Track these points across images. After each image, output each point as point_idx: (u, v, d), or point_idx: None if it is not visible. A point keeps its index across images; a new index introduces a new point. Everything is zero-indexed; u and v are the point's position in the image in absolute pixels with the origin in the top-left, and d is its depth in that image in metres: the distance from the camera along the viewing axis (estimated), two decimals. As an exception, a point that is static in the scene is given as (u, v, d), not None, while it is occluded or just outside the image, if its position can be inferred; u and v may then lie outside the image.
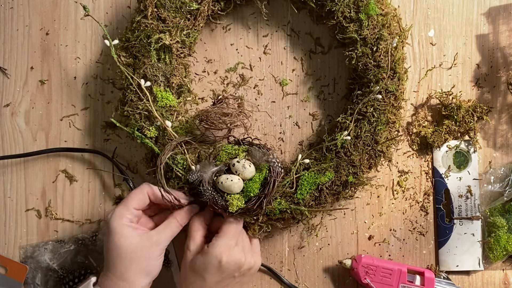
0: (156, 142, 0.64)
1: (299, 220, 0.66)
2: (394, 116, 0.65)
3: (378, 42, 0.63)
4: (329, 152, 0.65)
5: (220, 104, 0.63)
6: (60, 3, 0.71)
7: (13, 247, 0.70)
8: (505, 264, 0.71)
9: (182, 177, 0.63)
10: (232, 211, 0.60)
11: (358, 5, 0.63)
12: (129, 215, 0.60)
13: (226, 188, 0.60)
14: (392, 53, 0.63)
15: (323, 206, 0.65)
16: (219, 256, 0.58)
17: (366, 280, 0.66)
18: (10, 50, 0.71)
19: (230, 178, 0.60)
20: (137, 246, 0.58)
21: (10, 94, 0.71)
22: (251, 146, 0.63)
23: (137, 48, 0.64)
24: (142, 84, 0.63)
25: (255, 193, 0.61)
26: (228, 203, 0.60)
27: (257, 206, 0.61)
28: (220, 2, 0.67)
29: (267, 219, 0.64)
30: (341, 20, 0.64)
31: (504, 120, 0.71)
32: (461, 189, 0.70)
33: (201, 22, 0.66)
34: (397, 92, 0.64)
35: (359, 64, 0.64)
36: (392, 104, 0.65)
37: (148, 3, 0.63)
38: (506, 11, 0.71)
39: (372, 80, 0.64)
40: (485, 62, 0.71)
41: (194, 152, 0.64)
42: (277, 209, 0.63)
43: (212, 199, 0.60)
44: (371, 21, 0.63)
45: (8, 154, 0.70)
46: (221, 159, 0.62)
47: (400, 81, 0.65)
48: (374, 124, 0.64)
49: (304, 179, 0.64)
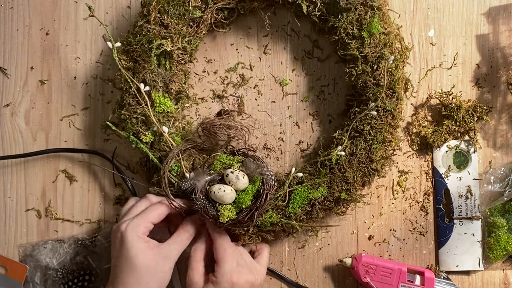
0: (152, 147, 0.64)
1: (289, 233, 0.66)
2: (390, 135, 0.65)
3: (379, 61, 0.63)
4: (323, 167, 0.65)
5: (226, 115, 0.64)
6: (60, 3, 0.71)
7: (13, 247, 0.70)
8: (505, 264, 0.71)
9: (175, 183, 0.63)
10: (223, 221, 0.60)
11: (361, 22, 0.63)
12: (144, 228, 0.59)
13: (218, 198, 0.60)
14: (392, 72, 0.63)
15: (314, 221, 0.65)
16: (229, 280, 0.59)
17: (366, 279, 0.66)
18: (10, 50, 0.71)
19: (223, 188, 0.60)
20: (150, 261, 0.57)
21: (10, 94, 0.71)
22: (246, 158, 0.63)
23: (138, 52, 0.64)
24: (142, 88, 0.63)
25: (247, 205, 0.61)
26: (219, 213, 0.60)
27: (248, 218, 0.61)
28: (223, 11, 0.67)
29: (257, 230, 0.64)
30: (343, 37, 0.64)
31: (504, 120, 0.71)
32: (461, 189, 0.70)
33: (203, 30, 0.66)
34: (395, 111, 0.64)
35: (359, 81, 0.64)
36: (389, 123, 0.65)
37: (151, 8, 0.63)
38: (506, 11, 0.71)
39: (370, 98, 0.64)
40: (485, 62, 0.71)
41: (188, 160, 0.64)
42: (268, 222, 0.63)
43: (204, 208, 0.60)
44: (373, 39, 0.63)
45: (8, 154, 0.70)
46: (215, 169, 0.62)
47: (398, 100, 0.64)
48: (370, 142, 0.64)
49: (297, 193, 0.64)
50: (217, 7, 0.65)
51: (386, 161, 0.66)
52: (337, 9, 0.63)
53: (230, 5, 0.65)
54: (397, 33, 0.66)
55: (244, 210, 0.61)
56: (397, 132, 0.67)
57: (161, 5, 0.63)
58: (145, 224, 0.59)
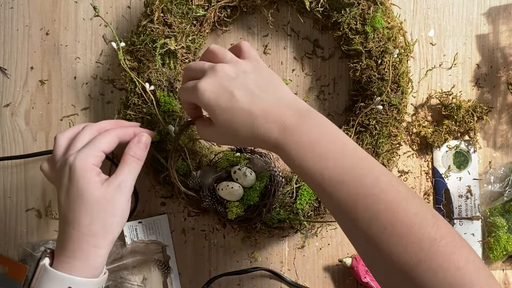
0: (157, 147, 0.64)
1: (297, 229, 0.66)
2: (396, 130, 0.66)
3: (383, 55, 0.63)
4: None
5: None
6: (60, 3, 0.71)
7: (13, 247, 0.70)
8: (505, 264, 0.71)
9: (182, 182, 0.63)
10: (231, 218, 0.60)
11: (365, 17, 0.63)
12: (95, 157, 0.53)
13: (226, 195, 0.60)
14: (397, 66, 0.64)
15: (321, 217, 0.65)
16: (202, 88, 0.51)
17: (366, 279, 0.66)
18: (10, 50, 0.71)
19: (231, 185, 0.60)
20: (104, 193, 0.51)
21: (10, 94, 0.71)
22: (253, 155, 0.63)
23: (142, 52, 0.64)
24: (147, 88, 0.63)
25: (254, 202, 0.61)
26: (227, 210, 0.60)
27: (256, 215, 0.61)
28: (226, 9, 0.67)
29: (265, 227, 0.64)
30: (347, 32, 0.64)
31: (504, 120, 0.71)
32: (461, 189, 0.70)
33: (206, 28, 0.66)
34: (400, 105, 0.65)
35: (363, 76, 0.64)
36: (394, 117, 0.65)
37: (154, 8, 0.63)
38: (506, 11, 0.71)
39: (375, 92, 0.64)
40: (485, 62, 0.71)
41: (195, 158, 0.64)
42: (276, 218, 0.63)
43: (212, 206, 0.60)
44: (377, 34, 0.63)
45: (8, 154, 0.70)
46: (222, 166, 0.62)
47: (403, 94, 0.65)
48: (376, 137, 0.65)
49: (304, 190, 0.64)
50: (220, 5, 0.65)
51: (392, 155, 0.66)
52: (340, 4, 0.63)
53: (233, 3, 0.65)
54: (401, 27, 0.66)
55: (252, 207, 0.61)
56: (402, 126, 0.67)
57: (164, 4, 0.63)
58: (95, 153, 0.53)
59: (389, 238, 0.44)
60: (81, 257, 0.51)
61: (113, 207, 0.52)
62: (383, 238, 0.44)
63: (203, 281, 0.70)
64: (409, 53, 0.67)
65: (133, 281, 0.69)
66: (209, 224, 0.70)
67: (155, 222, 0.70)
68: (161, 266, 0.69)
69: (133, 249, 0.69)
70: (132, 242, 0.69)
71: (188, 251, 0.70)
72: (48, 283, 0.49)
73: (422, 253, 0.43)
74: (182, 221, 0.70)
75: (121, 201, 0.53)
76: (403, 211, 0.45)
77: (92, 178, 0.52)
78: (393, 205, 0.45)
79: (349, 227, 0.48)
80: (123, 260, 0.68)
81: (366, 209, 0.46)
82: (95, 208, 0.51)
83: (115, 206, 0.52)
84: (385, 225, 0.44)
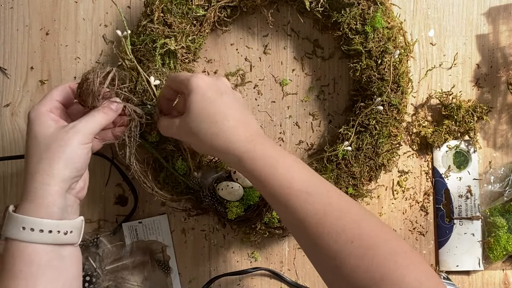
0: (157, 147, 0.64)
1: None
2: (396, 130, 0.66)
3: (383, 55, 0.63)
4: (330, 163, 0.65)
5: None
6: (60, 3, 0.71)
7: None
8: (505, 264, 0.71)
9: (182, 182, 0.63)
10: (231, 218, 0.60)
11: (365, 17, 0.63)
12: (49, 104, 0.54)
13: (226, 195, 0.60)
14: (397, 66, 0.64)
15: None
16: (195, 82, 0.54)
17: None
18: (10, 50, 0.71)
19: (231, 185, 0.60)
20: (53, 132, 0.52)
21: (10, 94, 0.71)
22: None
23: (142, 52, 0.64)
24: (152, 81, 0.62)
25: (254, 202, 0.61)
26: (227, 210, 0.60)
27: (256, 215, 0.61)
28: (226, 9, 0.67)
29: (265, 227, 0.64)
30: (347, 32, 0.64)
31: (504, 120, 0.71)
32: (461, 189, 0.70)
33: (206, 28, 0.66)
34: (400, 105, 0.65)
35: (363, 77, 0.64)
36: (394, 117, 0.65)
37: (154, 8, 0.63)
38: (506, 11, 0.71)
39: (375, 92, 0.64)
40: (485, 62, 0.71)
41: (195, 158, 0.64)
42: (276, 218, 0.63)
43: (212, 206, 0.60)
44: (377, 34, 0.63)
45: (8, 154, 0.70)
46: (222, 166, 0.62)
47: (403, 94, 0.65)
48: (376, 137, 0.65)
49: None
50: (220, 5, 0.65)
51: (392, 155, 0.66)
52: (340, 4, 0.63)
53: (233, 3, 0.65)
54: (401, 27, 0.66)
55: (252, 207, 0.61)
56: (402, 126, 0.67)
57: (164, 4, 0.63)
58: (47, 102, 0.54)
59: (356, 251, 0.45)
60: (31, 197, 0.50)
61: (62, 147, 0.51)
62: (349, 251, 0.45)
63: (203, 281, 0.70)
64: (409, 53, 0.67)
65: (133, 281, 0.69)
66: (209, 224, 0.70)
67: (155, 222, 0.70)
68: (161, 266, 0.69)
69: (133, 249, 0.69)
70: (132, 242, 0.69)
71: (188, 251, 0.71)
72: (8, 227, 0.50)
73: (386, 267, 0.43)
74: (182, 221, 0.70)
75: (73, 143, 0.52)
76: (367, 226, 0.47)
77: (45, 121, 0.53)
78: (358, 219, 0.47)
79: (312, 243, 0.48)
80: (123, 260, 0.68)
81: (335, 222, 0.46)
82: (43, 147, 0.51)
83: (66, 147, 0.51)
84: (353, 237, 0.45)
